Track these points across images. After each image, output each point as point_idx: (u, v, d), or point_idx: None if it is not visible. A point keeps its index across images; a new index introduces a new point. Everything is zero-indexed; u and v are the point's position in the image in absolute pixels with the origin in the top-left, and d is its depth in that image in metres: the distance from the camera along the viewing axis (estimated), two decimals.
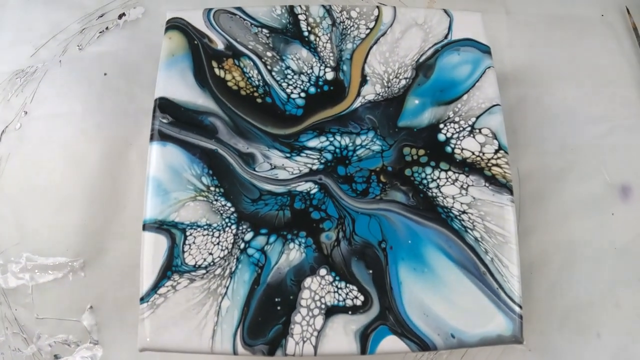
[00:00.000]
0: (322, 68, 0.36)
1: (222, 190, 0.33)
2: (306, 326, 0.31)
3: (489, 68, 0.36)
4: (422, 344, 0.31)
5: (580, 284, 0.40)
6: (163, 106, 0.34)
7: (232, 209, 0.33)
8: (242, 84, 0.36)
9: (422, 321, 0.31)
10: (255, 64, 0.36)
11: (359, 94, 0.36)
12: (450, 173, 0.34)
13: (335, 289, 0.32)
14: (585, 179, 0.43)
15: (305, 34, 0.37)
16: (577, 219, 0.42)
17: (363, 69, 0.37)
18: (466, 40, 0.37)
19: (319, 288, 0.32)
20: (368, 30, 0.37)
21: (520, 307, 0.31)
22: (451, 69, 0.36)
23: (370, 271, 0.32)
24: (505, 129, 0.35)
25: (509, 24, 0.48)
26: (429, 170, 0.34)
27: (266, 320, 0.31)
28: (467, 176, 0.34)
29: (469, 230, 0.33)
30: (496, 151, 0.34)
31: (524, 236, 0.41)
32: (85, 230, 0.40)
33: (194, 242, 0.32)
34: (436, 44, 0.37)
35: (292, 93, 0.36)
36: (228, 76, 0.36)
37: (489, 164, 0.34)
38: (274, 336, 0.31)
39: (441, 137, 0.35)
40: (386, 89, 0.36)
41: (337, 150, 0.35)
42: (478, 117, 0.35)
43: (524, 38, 0.47)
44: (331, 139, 0.35)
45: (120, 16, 0.46)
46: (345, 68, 0.37)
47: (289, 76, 0.36)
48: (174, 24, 0.37)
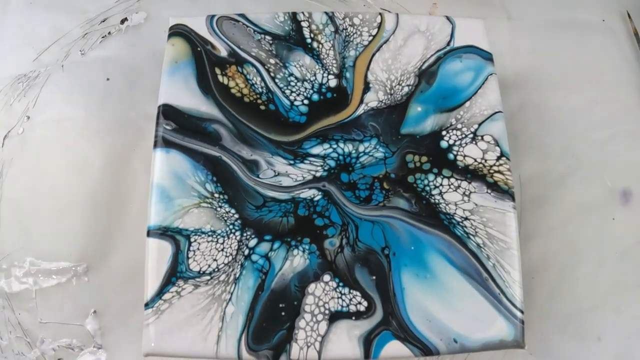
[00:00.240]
0: (325, 75, 0.37)
1: (226, 196, 0.33)
2: (310, 331, 0.31)
3: (491, 75, 0.36)
4: (425, 349, 0.31)
5: (581, 288, 0.41)
6: (167, 113, 0.35)
7: (236, 216, 0.33)
8: (246, 91, 0.36)
9: (425, 326, 0.31)
10: (258, 70, 0.36)
11: (361, 101, 0.36)
12: (452, 180, 0.34)
13: (339, 295, 0.32)
14: (586, 184, 0.43)
15: (308, 40, 0.37)
16: (578, 223, 0.42)
17: (366, 76, 0.37)
18: (468, 47, 0.37)
19: (323, 294, 0.32)
20: (371, 37, 0.38)
21: (521, 312, 0.32)
22: (453, 76, 0.37)
23: (374, 277, 0.32)
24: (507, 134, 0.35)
25: (511, 30, 0.48)
26: (431, 177, 0.34)
27: (270, 325, 0.31)
28: (470, 183, 0.34)
29: (472, 237, 0.33)
30: (498, 158, 0.35)
31: (525, 241, 0.41)
32: (88, 235, 0.40)
33: (198, 249, 0.32)
34: (438, 50, 0.37)
35: (296, 100, 0.36)
36: (231, 83, 0.36)
37: (491, 171, 0.34)
38: (278, 341, 0.31)
39: (444, 144, 0.35)
40: (389, 96, 0.36)
41: (341, 157, 0.35)
42: (480, 124, 0.35)
43: (525, 44, 0.47)
44: (334, 146, 0.35)
45: (122, 21, 0.46)
46: (348, 75, 0.37)
47: (292, 83, 0.36)
48: (177, 31, 0.37)
